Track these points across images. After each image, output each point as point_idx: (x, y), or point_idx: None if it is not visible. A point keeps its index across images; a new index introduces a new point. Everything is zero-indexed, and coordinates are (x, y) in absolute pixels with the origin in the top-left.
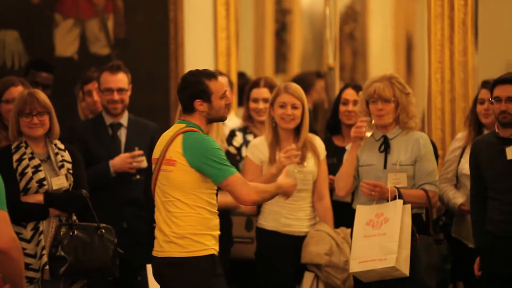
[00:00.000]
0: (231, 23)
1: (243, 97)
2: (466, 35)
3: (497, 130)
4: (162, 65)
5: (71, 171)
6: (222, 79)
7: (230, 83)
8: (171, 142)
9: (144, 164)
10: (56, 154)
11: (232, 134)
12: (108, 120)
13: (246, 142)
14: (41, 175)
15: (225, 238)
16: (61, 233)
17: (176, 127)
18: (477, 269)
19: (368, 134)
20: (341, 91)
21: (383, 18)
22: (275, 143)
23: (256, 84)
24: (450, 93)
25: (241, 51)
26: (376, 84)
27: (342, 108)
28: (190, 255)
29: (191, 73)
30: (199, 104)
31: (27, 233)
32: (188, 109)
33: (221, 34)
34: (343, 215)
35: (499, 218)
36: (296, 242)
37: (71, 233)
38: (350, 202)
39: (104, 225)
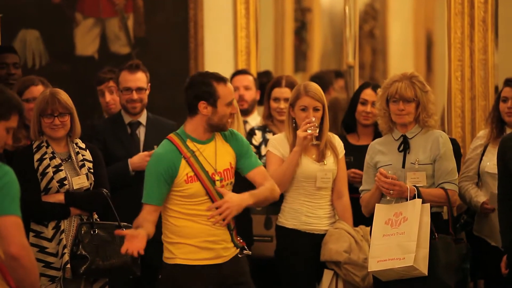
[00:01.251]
0: (251, 22)
1: (264, 95)
2: (486, 33)
3: None
4: (182, 64)
5: (92, 170)
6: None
7: (256, 81)
8: None
9: None
10: (77, 153)
11: (251, 132)
12: (127, 119)
13: (265, 141)
14: (62, 174)
15: (245, 236)
16: (82, 232)
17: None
18: (504, 268)
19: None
20: (361, 90)
21: (403, 16)
22: (295, 143)
23: (277, 83)
24: (470, 91)
25: (260, 50)
26: (398, 84)
27: (360, 108)
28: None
29: (200, 73)
30: (203, 107)
31: (49, 232)
32: (191, 110)
33: (240, 33)
34: (362, 213)
35: None
36: (316, 240)
37: (92, 232)
38: None
39: (125, 223)
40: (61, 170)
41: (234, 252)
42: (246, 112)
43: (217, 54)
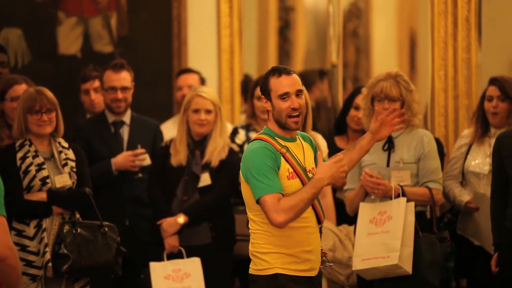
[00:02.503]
0: (234, 21)
1: (248, 94)
2: (470, 32)
3: None
4: (165, 63)
5: (74, 169)
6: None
7: (202, 80)
8: None
9: (147, 162)
10: (60, 152)
11: (235, 131)
12: (111, 118)
13: (248, 140)
14: (44, 173)
15: (228, 235)
16: (64, 230)
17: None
18: (495, 265)
19: None
20: (355, 95)
21: (387, 15)
22: None
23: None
24: (454, 90)
25: (244, 49)
26: (383, 83)
27: (352, 112)
28: (257, 273)
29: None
30: (264, 102)
31: (30, 230)
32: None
33: (224, 32)
34: (345, 212)
35: None
36: None
37: (74, 231)
38: None
39: (107, 223)
40: (44, 168)
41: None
42: None
43: (201, 53)
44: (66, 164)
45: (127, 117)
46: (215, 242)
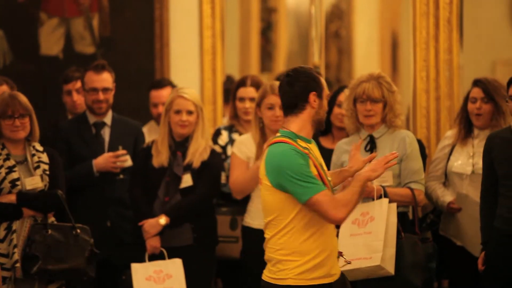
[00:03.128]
0: (217, 22)
1: (230, 96)
2: (451, 33)
3: None
4: (148, 64)
5: (47, 172)
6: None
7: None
8: (264, 157)
9: (128, 163)
10: (33, 155)
11: (217, 132)
12: (92, 119)
13: (231, 141)
14: (14, 175)
15: (210, 237)
16: (34, 232)
17: (272, 137)
18: (481, 264)
19: None
20: (337, 93)
21: (369, 16)
22: (262, 143)
23: (242, 83)
24: (435, 92)
25: (226, 50)
26: (365, 85)
27: (336, 110)
28: (273, 282)
29: (301, 67)
30: (313, 99)
31: (0, 233)
32: (298, 105)
33: (206, 33)
34: None
35: (509, 216)
36: None
37: (44, 233)
38: None
39: (80, 225)
40: (15, 171)
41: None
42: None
43: (183, 54)
44: (38, 167)
45: (108, 118)
46: (197, 243)
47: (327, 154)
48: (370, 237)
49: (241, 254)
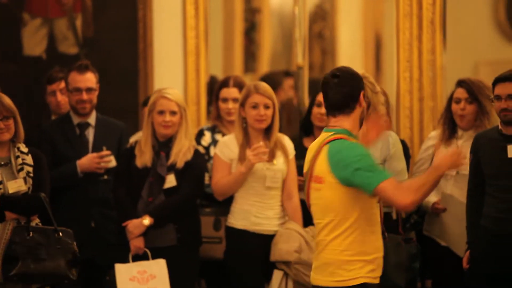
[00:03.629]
0: (200, 22)
1: (212, 96)
2: (435, 34)
3: (500, 127)
4: (131, 64)
5: (31, 174)
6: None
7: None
8: (318, 156)
9: (112, 164)
10: (17, 157)
11: (200, 133)
12: (76, 119)
13: (214, 142)
14: None
15: (194, 237)
16: (15, 234)
17: (322, 136)
18: (466, 262)
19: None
20: (316, 93)
21: (352, 17)
22: (245, 143)
23: (225, 83)
24: (419, 92)
25: (210, 50)
26: None
27: (315, 110)
28: (339, 285)
29: (341, 67)
30: (362, 99)
31: None
32: (351, 105)
33: (190, 33)
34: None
35: (496, 215)
36: (265, 240)
37: (26, 235)
38: None
39: (63, 228)
40: None
41: None
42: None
43: (167, 54)
44: (22, 169)
45: (92, 119)
46: (180, 243)
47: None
48: None
49: (224, 254)
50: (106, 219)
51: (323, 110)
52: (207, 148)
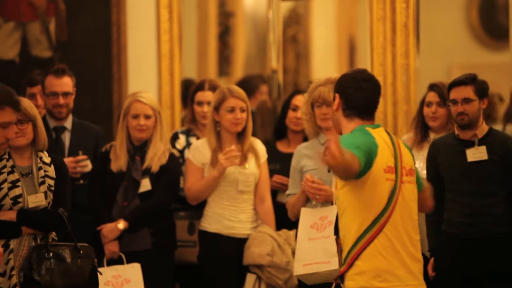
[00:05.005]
0: (174, 26)
1: (187, 99)
2: (408, 38)
3: (456, 132)
4: (105, 68)
5: (52, 188)
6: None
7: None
8: (400, 149)
9: (88, 168)
10: (39, 168)
11: (175, 136)
12: (52, 123)
13: (189, 145)
14: (17, 191)
15: (169, 241)
16: (34, 256)
17: (382, 130)
18: (431, 270)
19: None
20: (291, 96)
21: (326, 21)
22: (218, 147)
23: (200, 87)
24: (393, 96)
25: (184, 54)
26: (321, 88)
27: (291, 114)
28: None
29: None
30: None
31: None
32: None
33: (164, 37)
34: (284, 217)
35: (459, 220)
36: (238, 244)
37: (46, 255)
38: None
39: (82, 244)
40: (18, 186)
41: None
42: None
43: (141, 58)
44: (43, 182)
45: (68, 123)
46: (155, 247)
47: (283, 158)
48: (329, 241)
49: (198, 258)
50: (81, 223)
51: (299, 114)
52: (181, 152)
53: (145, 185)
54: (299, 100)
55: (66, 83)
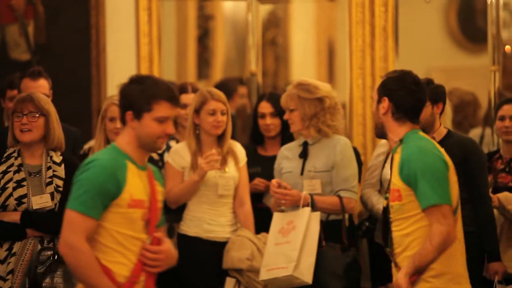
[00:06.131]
0: (153, 29)
1: None
2: (387, 41)
3: None
4: (84, 70)
5: (60, 189)
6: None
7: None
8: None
9: None
10: (49, 168)
11: None
12: None
13: (169, 148)
14: (21, 191)
15: None
16: (39, 258)
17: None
18: None
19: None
20: (257, 104)
21: (305, 24)
22: (198, 151)
23: (184, 89)
24: (371, 99)
25: (163, 57)
26: (284, 94)
27: (260, 121)
28: None
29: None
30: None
31: (1, 253)
32: None
33: (143, 40)
34: (264, 221)
35: None
36: (218, 247)
37: (51, 258)
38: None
39: None
40: (23, 186)
41: None
42: None
43: (120, 60)
44: (50, 183)
45: None
46: None
47: (263, 161)
48: (289, 247)
49: (177, 261)
50: None
51: (268, 121)
52: (161, 155)
53: None
54: (263, 107)
55: (42, 86)
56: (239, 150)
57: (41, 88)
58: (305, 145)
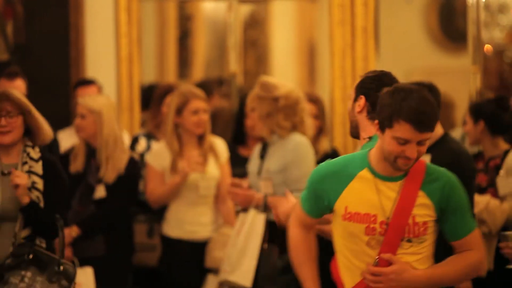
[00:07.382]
0: (133, 29)
1: (152, 103)
2: (368, 41)
3: None
4: (63, 71)
5: (36, 185)
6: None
7: (99, 89)
8: None
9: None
10: (24, 163)
11: (135, 140)
12: None
13: (149, 148)
14: None
15: (127, 245)
16: (6, 263)
17: None
18: None
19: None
20: (244, 103)
21: (286, 24)
22: (179, 151)
23: (171, 90)
24: (348, 97)
25: (143, 57)
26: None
27: (248, 121)
28: None
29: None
30: None
31: None
32: None
33: (123, 40)
34: None
35: None
36: (200, 247)
37: (26, 256)
38: None
39: (65, 261)
40: None
41: None
42: None
43: (99, 61)
44: None
45: None
46: (110, 253)
47: (244, 162)
48: (233, 249)
49: (159, 262)
50: None
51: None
52: (142, 155)
53: (100, 191)
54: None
55: (19, 86)
56: (220, 145)
57: (18, 88)
58: (264, 145)
